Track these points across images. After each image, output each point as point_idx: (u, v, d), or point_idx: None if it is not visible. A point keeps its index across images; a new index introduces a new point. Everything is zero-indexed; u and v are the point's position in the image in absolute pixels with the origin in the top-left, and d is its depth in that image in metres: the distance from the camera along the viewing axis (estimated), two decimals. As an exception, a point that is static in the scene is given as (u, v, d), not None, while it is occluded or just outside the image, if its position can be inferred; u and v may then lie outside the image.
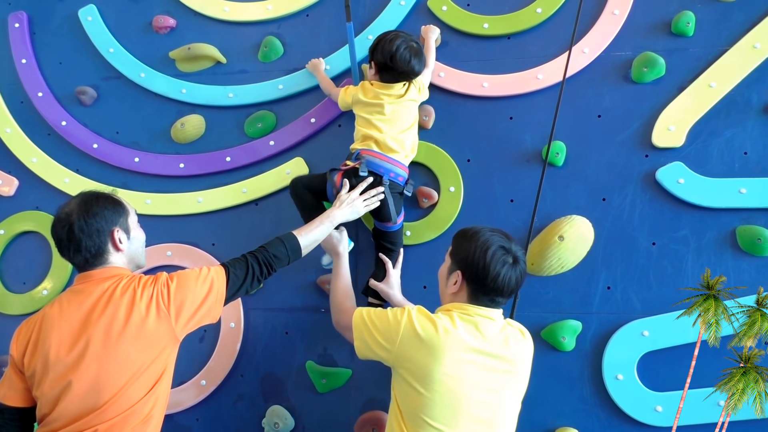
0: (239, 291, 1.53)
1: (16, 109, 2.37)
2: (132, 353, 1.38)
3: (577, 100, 1.95)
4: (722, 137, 1.85)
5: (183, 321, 1.44)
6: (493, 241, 1.43)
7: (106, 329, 1.38)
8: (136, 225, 1.56)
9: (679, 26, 1.92)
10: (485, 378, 1.39)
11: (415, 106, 1.88)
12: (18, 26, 2.41)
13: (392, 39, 1.80)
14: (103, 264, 1.47)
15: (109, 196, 1.52)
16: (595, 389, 1.78)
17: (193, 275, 1.48)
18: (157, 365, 1.42)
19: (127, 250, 1.50)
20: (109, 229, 1.46)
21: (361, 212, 1.77)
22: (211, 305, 1.48)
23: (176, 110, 2.23)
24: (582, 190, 1.90)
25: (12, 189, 2.30)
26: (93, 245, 1.44)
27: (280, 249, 1.60)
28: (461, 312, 1.43)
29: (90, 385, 1.36)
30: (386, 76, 1.82)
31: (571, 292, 1.84)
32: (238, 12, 2.24)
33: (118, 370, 1.37)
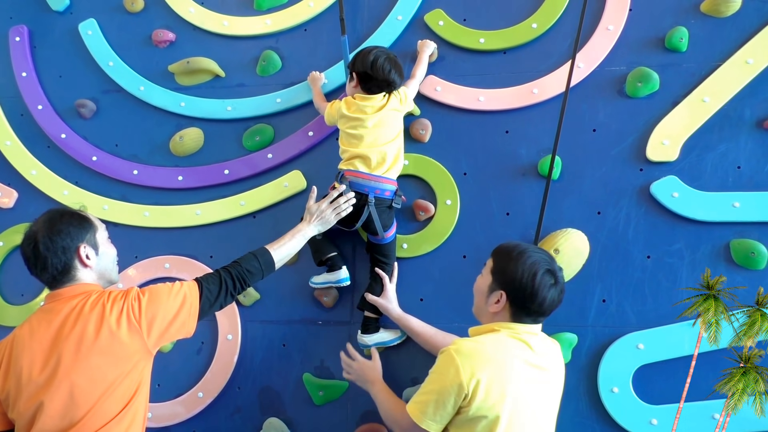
0: (213, 305, 1.54)
1: (16, 121, 2.39)
2: (104, 367, 1.37)
3: (573, 114, 1.96)
4: (716, 151, 1.86)
5: (155, 335, 1.44)
6: (541, 265, 1.41)
7: (76, 345, 1.37)
8: (106, 241, 1.56)
9: (672, 42, 1.94)
10: (541, 391, 1.39)
11: (398, 116, 1.89)
12: (19, 40, 2.43)
13: (371, 51, 1.84)
14: (71, 281, 1.47)
15: (75, 213, 1.52)
16: (590, 402, 1.79)
17: (166, 290, 1.49)
18: (131, 379, 1.41)
19: (96, 266, 1.50)
20: (75, 246, 1.46)
21: (332, 222, 1.78)
22: (185, 320, 1.48)
23: (175, 123, 2.25)
24: (577, 203, 1.91)
25: (11, 201, 2.32)
26: (59, 262, 1.44)
27: (254, 264, 1.62)
28: (509, 331, 1.42)
29: (64, 403, 1.36)
30: (366, 86, 1.85)
31: (566, 305, 1.80)
32: (236, 26, 2.27)
33: (90, 385, 1.36)
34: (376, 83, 1.83)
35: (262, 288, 2.06)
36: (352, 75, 1.88)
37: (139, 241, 2.18)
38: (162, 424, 2.02)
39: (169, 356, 2.08)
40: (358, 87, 1.87)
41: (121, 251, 2.12)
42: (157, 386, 2.06)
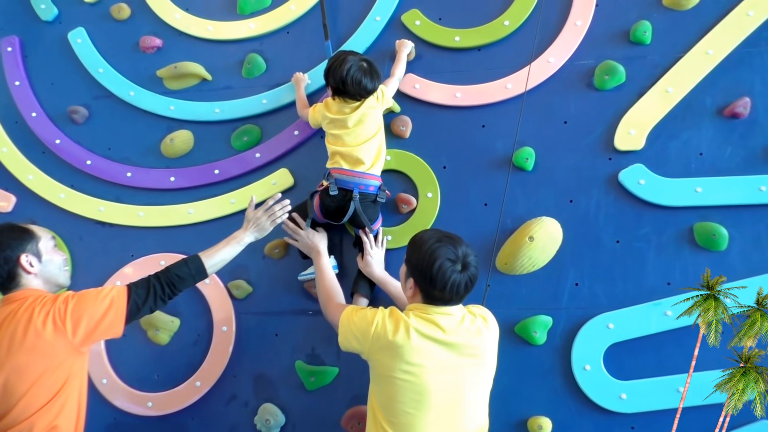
0: (142, 309, 1.66)
1: (11, 129, 2.46)
2: (30, 363, 1.53)
3: (545, 107, 2.06)
4: (679, 139, 1.96)
5: (81, 334, 1.57)
6: (439, 253, 1.51)
7: (7, 344, 1.55)
8: (51, 249, 1.70)
9: (637, 35, 2.04)
10: (447, 365, 1.51)
11: (376, 113, 1.96)
12: (11, 50, 2.50)
13: (342, 62, 1.88)
14: (18, 287, 1.63)
15: (16, 227, 1.67)
16: (565, 380, 1.89)
17: (93, 294, 1.62)
18: (57, 374, 1.56)
19: (40, 273, 1.65)
20: (15, 256, 1.61)
21: (268, 229, 1.87)
22: (111, 320, 1.61)
23: (165, 126, 2.33)
24: (551, 192, 2.01)
25: (10, 205, 2.39)
26: (2, 271, 1.61)
27: (184, 270, 1.73)
28: (420, 312, 1.55)
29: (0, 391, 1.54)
30: (342, 96, 1.92)
31: (542, 289, 1.96)
32: (221, 31, 2.35)
33: (18, 379, 1.53)
34: (351, 94, 1.90)
35: (254, 281, 2.16)
36: (327, 85, 1.96)
37: (134, 241, 2.27)
38: (162, 412, 2.11)
39: (167, 348, 2.18)
40: (334, 97, 1.95)
41: (118, 250, 2.26)
42: (156, 377, 2.16)
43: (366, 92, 1.91)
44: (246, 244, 1.85)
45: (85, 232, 2.32)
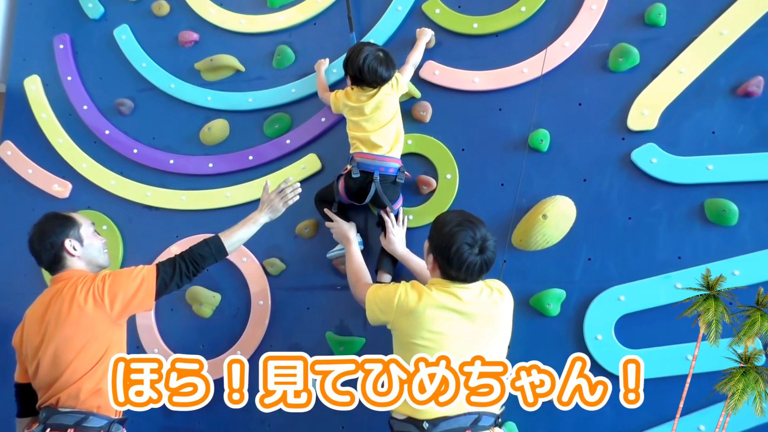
0: (170, 285, 1.84)
1: (65, 121, 2.68)
2: (75, 334, 1.73)
3: (560, 90, 2.14)
4: (692, 119, 2.02)
5: (118, 308, 1.77)
6: (458, 237, 1.62)
7: (55, 318, 1.75)
8: (91, 234, 1.91)
9: (651, 17, 2.09)
10: (464, 333, 1.63)
11: (392, 100, 2.06)
12: (62, 47, 2.72)
13: (359, 52, 2.01)
14: (64, 268, 1.84)
15: (59, 215, 1.89)
16: (578, 348, 1.98)
17: (126, 273, 1.82)
18: (98, 343, 1.76)
19: (83, 255, 1.86)
20: (60, 241, 1.82)
21: (281, 210, 2.02)
22: (143, 297, 1.80)
23: (203, 116, 2.50)
24: (564, 172, 2.10)
25: (67, 191, 2.62)
26: (49, 255, 1.83)
27: (206, 249, 1.89)
28: (440, 287, 1.68)
29: (50, 361, 1.75)
30: (359, 84, 2.04)
31: (555, 264, 2.06)
32: (253, 24, 2.50)
33: (66, 349, 1.73)
34: (368, 83, 2.02)
35: (287, 259, 2.33)
36: (346, 75, 2.08)
37: (178, 222, 2.46)
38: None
39: (210, 321, 2.37)
40: (352, 86, 2.07)
41: (163, 231, 2.46)
42: (201, 347, 2.35)
43: (381, 80, 2.02)
44: (261, 224, 2.01)
45: (134, 215, 2.52)
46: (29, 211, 2.59)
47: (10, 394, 1.97)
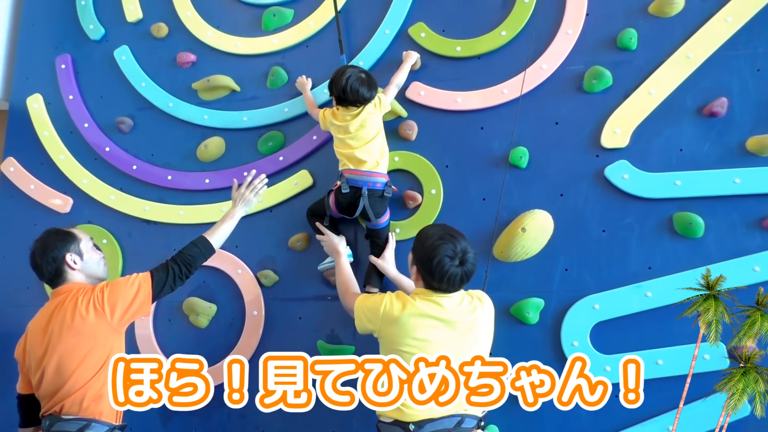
0: (164, 288, 1.94)
1: (67, 138, 2.78)
2: (78, 344, 1.82)
3: (538, 110, 2.27)
4: (661, 137, 2.15)
5: (118, 316, 1.86)
6: (440, 250, 1.71)
7: (58, 329, 1.83)
8: (90, 248, 2.00)
9: (623, 41, 2.22)
10: (447, 340, 1.73)
11: (375, 118, 2.17)
12: (64, 67, 2.82)
13: (342, 74, 2.13)
14: (64, 281, 1.93)
15: (60, 231, 1.98)
16: (555, 354, 2.10)
17: (123, 282, 1.91)
18: (100, 351, 1.84)
19: (82, 269, 1.95)
20: (61, 255, 1.91)
21: (253, 201, 2.18)
22: (141, 302, 1.89)
23: (200, 134, 2.61)
24: (543, 187, 2.22)
25: (68, 206, 2.71)
26: (50, 268, 1.91)
27: (195, 250, 2.00)
28: (423, 296, 1.79)
29: (54, 370, 1.82)
30: (344, 104, 2.15)
31: (534, 275, 2.17)
32: (247, 46, 2.62)
33: (69, 357, 1.81)
34: (350, 102, 2.13)
35: (280, 271, 2.43)
36: (331, 96, 2.20)
37: (176, 236, 2.52)
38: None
39: (206, 330, 2.47)
40: (337, 106, 2.19)
41: (162, 245, 2.56)
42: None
43: (363, 99, 2.13)
44: (239, 218, 2.15)
45: (134, 229, 2.62)
46: (31, 226, 2.70)
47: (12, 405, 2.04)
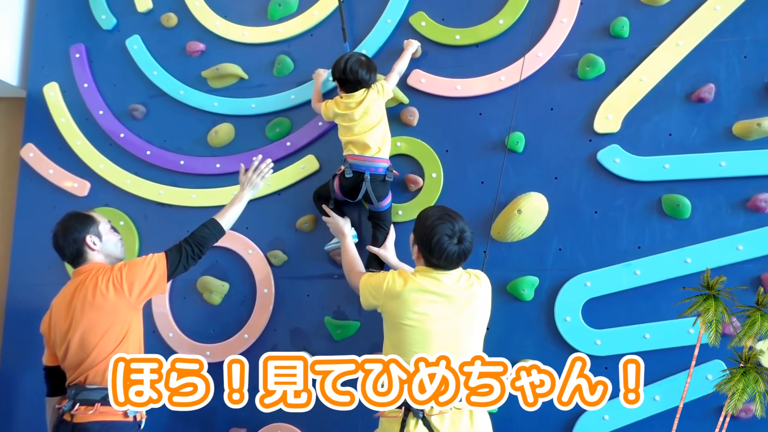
0: (179, 267, 2.06)
1: (83, 125, 2.89)
2: (99, 319, 1.96)
3: (534, 96, 2.36)
4: (651, 122, 2.25)
5: (135, 294, 2.00)
6: (439, 229, 1.83)
7: (81, 305, 1.97)
8: (108, 231, 2.14)
9: (615, 29, 2.31)
10: (446, 315, 1.85)
11: (379, 105, 2.27)
12: (78, 56, 2.92)
13: (343, 57, 2.26)
14: (85, 261, 2.07)
15: (80, 214, 2.12)
16: (549, 329, 2.23)
17: (140, 261, 2.04)
18: (120, 327, 1.98)
19: (101, 249, 2.09)
20: (82, 237, 2.05)
21: (260, 185, 2.30)
22: (157, 281, 2.03)
23: (210, 120, 2.72)
24: (538, 171, 2.32)
25: (85, 190, 2.83)
26: (72, 249, 2.05)
27: (206, 231, 2.13)
28: (423, 273, 1.91)
29: (78, 344, 1.97)
30: (345, 87, 2.26)
31: (530, 254, 2.29)
32: (254, 35, 2.71)
33: (91, 332, 1.96)
34: (351, 84, 2.24)
35: (289, 251, 2.55)
36: (335, 80, 2.30)
37: (189, 219, 2.66)
38: (218, 359, 2.51)
39: (220, 308, 2.60)
40: (341, 89, 2.30)
41: (176, 227, 2.68)
42: (211, 331, 2.59)
43: (362, 80, 2.24)
44: (246, 201, 2.27)
45: (149, 212, 2.74)
46: (51, 209, 2.82)
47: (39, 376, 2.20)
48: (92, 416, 1.92)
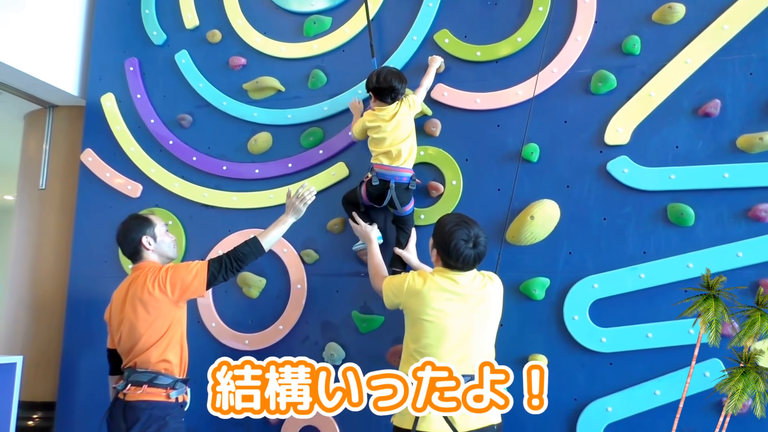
0: (218, 277, 2.25)
1: (136, 132, 3.17)
2: (145, 313, 2.21)
3: (549, 109, 2.53)
4: (659, 135, 2.39)
5: (177, 295, 2.22)
6: (456, 235, 2.01)
7: (131, 299, 2.23)
8: (164, 233, 2.37)
9: (627, 47, 2.45)
10: (461, 311, 2.04)
11: (409, 119, 2.47)
12: (132, 69, 3.21)
13: (377, 70, 2.48)
14: (141, 259, 2.32)
15: (140, 216, 2.39)
16: (558, 327, 2.39)
17: (185, 267, 2.26)
18: (163, 320, 2.21)
19: (156, 249, 2.33)
20: (138, 238, 2.30)
21: (302, 210, 2.43)
22: (196, 287, 2.23)
23: (251, 129, 2.96)
24: (551, 179, 2.49)
25: (138, 192, 3.11)
26: (130, 248, 2.32)
27: (246, 249, 2.31)
28: (441, 274, 2.10)
29: (128, 333, 2.22)
30: (379, 96, 2.45)
31: (541, 257, 2.46)
32: (291, 51, 2.94)
33: (138, 322, 2.21)
34: (385, 92, 2.43)
35: (320, 251, 2.77)
36: (369, 93, 2.51)
37: (230, 219, 2.92)
38: (256, 348, 2.78)
39: (257, 301, 2.84)
40: (375, 100, 2.49)
41: (218, 227, 2.94)
42: (249, 322, 2.84)
43: (395, 89, 2.43)
44: (290, 224, 2.44)
45: (195, 213, 3.00)
46: (107, 209, 3.12)
47: (96, 358, 2.48)
48: (140, 396, 2.17)
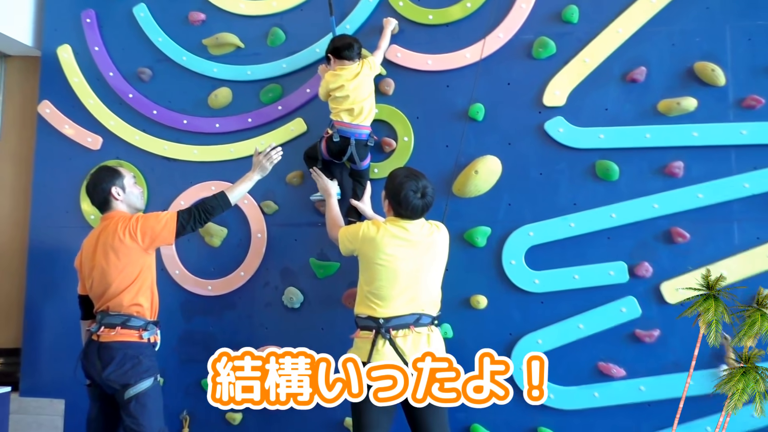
0: (186, 227, 2.39)
1: (94, 85, 3.18)
2: (116, 259, 2.32)
3: (494, 72, 2.72)
4: (591, 98, 2.63)
5: (147, 242, 2.35)
6: (405, 186, 2.21)
7: (102, 247, 2.34)
8: (132, 184, 2.47)
9: (566, 16, 2.66)
10: (410, 256, 2.25)
11: (370, 80, 2.62)
12: (89, 21, 3.20)
13: (336, 36, 2.62)
14: (110, 209, 2.41)
15: (109, 168, 2.48)
16: (497, 270, 2.65)
17: (154, 216, 2.39)
18: (134, 266, 2.34)
19: (124, 200, 2.42)
20: (108, 188, 2.39)
21: (268, 168, 2.60)
22: (165, 236, 2.37)
23: (211, 84, 3.04)
24: (494, 137, 2.70)
25: (98, 144, 3.14)
26: (99, 198, 2.40)
27: (215, 202, 2.46)
28: (392, 222, 2.30)
29: (99, 278, 2.34)
30: (337, 54, 2.58)
31: (484, 208, 2.69)
32: (251, 8, 3.01)
33: (109, 269, 2.33)
34: (341, 49, 2.57)
35: (279, 201, 2.92)
36: (328, 57, 2.63)
37: (191, 172, 3.02)
38: (218, 293, 2.93)
39: (219, 249, 2.98)
40: (335, 61, 2.62)
41: (180, 179, 3.04)
42: (212, 269, 2.98)
43: (350, 45, 2.58)
44: (255, 181, 2.59)
45: (156, 165, 3.08)
46: (67, 160, 3.16)
47: (59, 306, 2.59)
48: (114, 337, 2.32)
